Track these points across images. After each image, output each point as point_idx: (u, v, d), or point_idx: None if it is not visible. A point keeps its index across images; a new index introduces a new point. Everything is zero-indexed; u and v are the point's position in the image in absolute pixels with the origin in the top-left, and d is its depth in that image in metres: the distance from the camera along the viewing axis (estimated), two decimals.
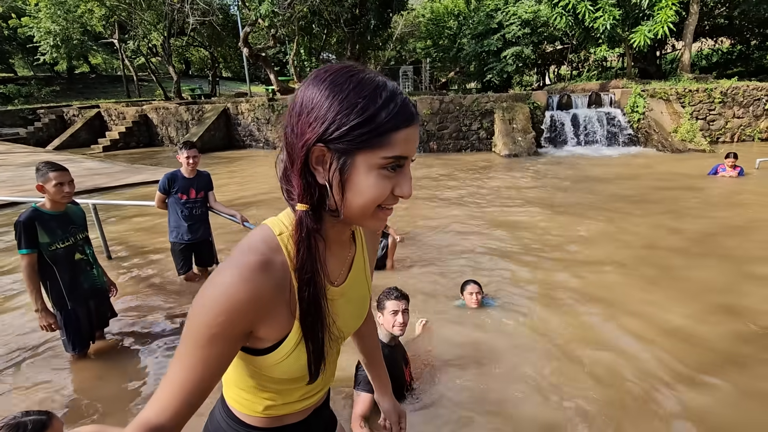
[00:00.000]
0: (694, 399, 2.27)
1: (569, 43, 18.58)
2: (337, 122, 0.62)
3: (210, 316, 0.63)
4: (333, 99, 0.63)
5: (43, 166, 2.44)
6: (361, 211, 0.67)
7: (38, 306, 2.47)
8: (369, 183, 0.65)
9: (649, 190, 6.82)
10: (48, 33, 18.25)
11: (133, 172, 9.84)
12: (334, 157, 0.64)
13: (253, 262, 0.66)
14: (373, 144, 0.63)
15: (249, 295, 0.64)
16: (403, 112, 0.64)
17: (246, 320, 0.66)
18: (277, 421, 0.87)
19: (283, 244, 0.71)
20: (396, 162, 0.65)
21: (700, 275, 3.74)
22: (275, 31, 16.79)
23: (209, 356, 0.65)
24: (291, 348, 0.73)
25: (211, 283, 0.66)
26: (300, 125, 0.65)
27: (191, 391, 0.65)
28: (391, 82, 0.66)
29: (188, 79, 29.87)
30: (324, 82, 0.64)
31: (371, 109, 0.62)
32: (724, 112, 11.30)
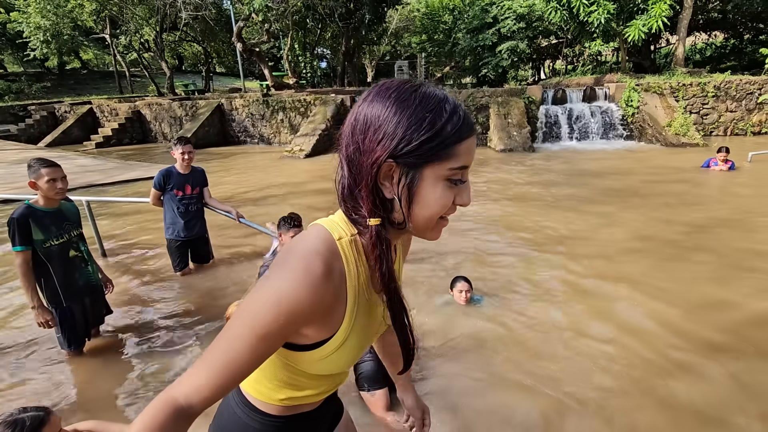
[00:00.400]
0: (687, 389, 2.31)
1: (564, 37, 18.59)
2: (408, 137, 0.63)
3: (270, 316, 0.64)
4: (401, 115, 0.64)
5: (35, 163, 2.42)
6: (426, 223, 0.70)
7: (34, 303, 2.46)
8: (436, 195, 0.67)
9: (643, 184, 6.87)
10: (38, 28, 17.98)
11: (126, 168, 9.76)
12: (403, 172, 0.66)
13: (319, 269, 0.66)
14: (440, 156, 0.65)
15: (312, 302, 0.66)
16: (466, 123, 0.67)
17: (300, 323, 0.68)
18: (291, 410, 0.90)
19: (342, 249, 0.72)
20: (460, 173, 0.68)
21: (692, 267, 3.78)
22: (269, 25, 16.66)
23: (257, 350, 0.66)
24: (336, 347, 0.75)
25: (275, 282, 0.66)
26: (367, 143, 0.66)
27: (229, 378, 0.66)
28: (452, 96, 0.68)
29: (181, 74, 29.59)
30: (389, 99, 0.65)
31: (439, 123, 0.64)
32: (718, 106, 11.38)
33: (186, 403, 0.65)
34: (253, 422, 0.89)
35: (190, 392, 0.66)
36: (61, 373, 2.64)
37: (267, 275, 0.68)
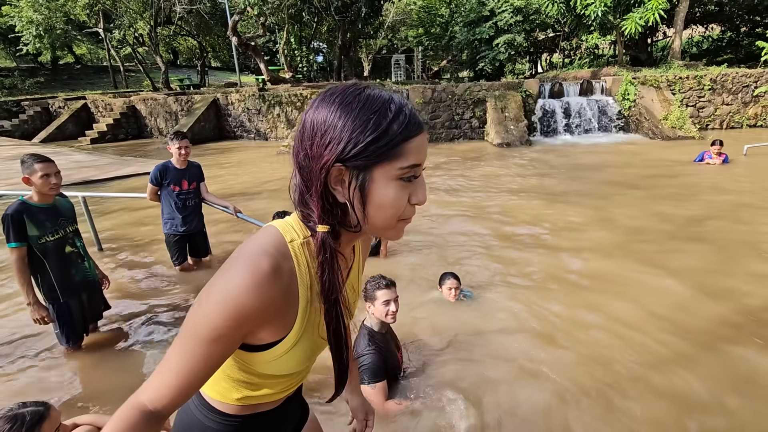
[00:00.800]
0: (686, 378, 2.33)
1: (561, 30, 18.54)
2: (354, 140, 0.63)
3: (219, 318, 0.64)
4: (346, 118, 0.64)
5: (28, 158, 2.40)
6: (383, 224, 0.70)
7: (30, 299, 2.46)
8: (389, 195, 0.67)
9: (639, 177, 6.90)
10: (30, 22, 17.77)
11: (122, 164, 9.71)
12: (353, 175, 0.66)
13: (266, 269, 0.66)
14: (389, 156, 0.65)
15: (260, 302, 0.65)
16: (412, 122, 0.67)
17: (252, 324, 0.68)
18: (251, 409, 0.89)
19: (293, 251, 0.72)
20: (411, 171, 0.67)
21: (688, 258, 3.81)
22: (264, 19, 16.52)
23: (211, 353, 0.66)
24: (287, 348, 0.75)
25: (222, 283, 0.66)
26: (315, 148, 0.66)
27: (188, 383, 0.67)
28: (397, 95, 0.68)
29: (176, 69, 29.36)
30: (333, 104, 0.66)
31: (384, 123, 0.64)
32: (714, 99, 11.40)
33: (152, 407, 0.67)
34: (210, 422, 0.88)
35: (155, 397, 0.67)
36: (59, 369, 2.64)
37: (215, 276, 0.68)
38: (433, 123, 12.24)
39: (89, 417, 1.93)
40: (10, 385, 2.50)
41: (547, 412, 2.15)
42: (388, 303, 2.20)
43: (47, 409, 1.51)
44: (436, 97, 12.08)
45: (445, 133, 12.28)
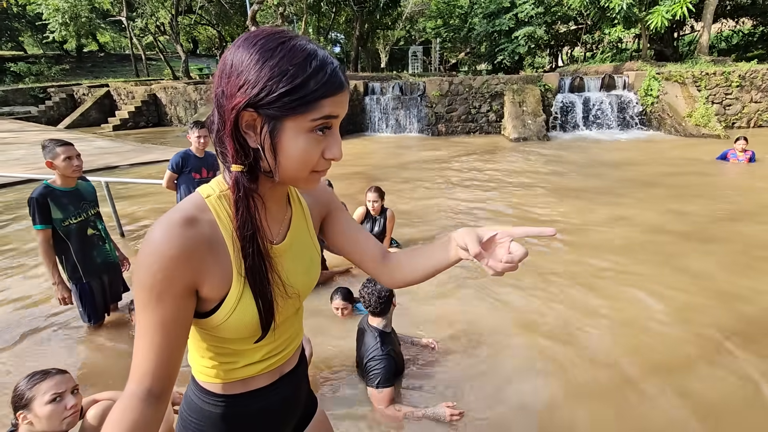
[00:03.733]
0: (700, 381, 2.31)
1: (583, 23, 18.08)
2: (267, 88, 0.62)
3: (149, 275, 0.66)
4: (264, 64, 0.63)
5: (48, 143, 2.48)
6: (295, 174, 0.70)
7: (55, 279, 2.57)
8: (299, 146, 0.66)
9: (660, 176, 6.74)
10: (56, 10, 18.19)
11: (143, 151, 9.93)
12: (264, 121, 0.65)
13: (177, 218, 0.68)
14: (301, 110, 0.64)
15: (178, 249, 0.66)
16: (332, 81, 0.65)
17: (183, 274, 0.68)
18: (243, 386, 0.87)
19: (210, 204, 0.73)
20: (324, 122, 0.66)
21: (708, 259, 3.73)
22: (283, 9, 16.55)
23: (164, 317, 0.67)
24: (233, 305, 0.74)
25: (143, 246, 0.68)
26: (230, 87, 0.65)
27: (159, 356, 0.68)
28: (323, 51, 0.66)
29: (196, 58, 29.69)
30: (255, 46, 0.64)
31: (300, 78, 0.63)
32: (742, 97, 11.02)
33: (140, 388, 0.68)
34: (206, 406, 0.87)
35: (140, 378, 0.68)
36: (81, 345, 2.76)
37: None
38: (450, 116, 12.15)
39: (109, 393, 2.02)
40: (36, 359, 2.62)
41: (548, 414, 2.16)
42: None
43: (58, 371, 1.62)
44: (453, 89, 11.97)
45: (461, 127, 12.18)
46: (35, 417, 1.52)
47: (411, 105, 12.38)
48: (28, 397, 1.52)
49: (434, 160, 8.57)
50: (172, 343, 0.69)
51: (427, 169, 7.73)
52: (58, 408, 1.55)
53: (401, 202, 5.68)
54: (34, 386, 1.54)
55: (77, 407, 1.62)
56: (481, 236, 0.74)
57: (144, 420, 0.67)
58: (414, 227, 4.71)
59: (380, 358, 2.14)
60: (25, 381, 1.56)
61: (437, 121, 12.18)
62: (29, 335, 2.88)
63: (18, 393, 1.54)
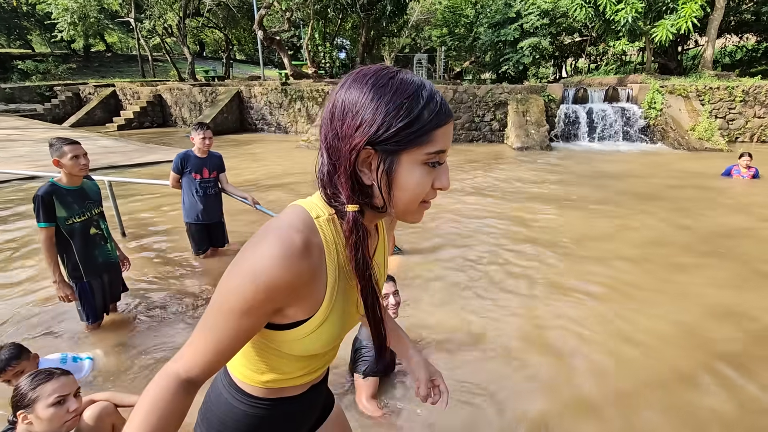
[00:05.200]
0: (694, 397, 2.29)
1: (588, 35, 18.18)
2: (386, 124, 0.63)
3: (251, 290, 0.65)
4: (379, 101, 0.64)
5: (56, 142, 2.49)
6: (406, 207, 0.70)
7: (56, 278, 2.56)
8: (414, 179, 0.68)
9: (662, 189, 6.74)
10: (65, 10, 18.34)
11: (147, 151, 9.97)
12: (381, 158, 0.66)
13: (298, 242, 0.66)
14: (418, 142, 0.65)
15: (291, 275, 0.66)
16: (443, 110, 0.67)
17: (283, 298, 0.68)
18: (276, 393, 0.89)
19: (320, 227, 0.72)
20: (437, 157, 0.68)
21: (708, 275, 3.72)
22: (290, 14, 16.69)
23: (241, 326, 0.67)
24: (315, 327, 0.75)
25: (252, 256, 0.66)
26: (345, 128, 0.65)
27: (219, 353, 0.69)
28: (429, 82, 0.68)
29: (202, 60, 29.88)
30: (366, 85, 0.65)
31: (416, 110, 0.64)
32: (745, 112, 11.04)
33: (186, 375, 0.70)
34: (238, 403, 0.89)
35: (187, 366, 0.70)
36: (80, 345, 2.75)
37: (243, 250, 0.68)
38: (453, 124, 12.17)
39: (106, 393, 2.01)
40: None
41: (540, 423, 2.14)
42: (387, 296, 2.23)
43: (63, 373, 1.61)
44: (457, 98, 12.02)
45: (465, 135, 12.21)
46: (36, 418, 1.51)
47: None
48: (31, 398, 1.50)
49: None
50: (236, 347, 0.70)
51: None
52: (61, 411, 1.53)
53: None
54: (37, 387, 1.52)
55: (78, 411, 1.60)
56: (430, 378, 1.07)
57: (181, 406, 0.69)
58: (416, 235, 4.70)
59: (371, 347, 2.14)
60: (29, 380, 1.54)
61: None
62: (27, 333, 2.87)
63: (21, 392, 1.52)
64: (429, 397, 1.05)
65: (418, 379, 1.06)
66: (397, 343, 1.13)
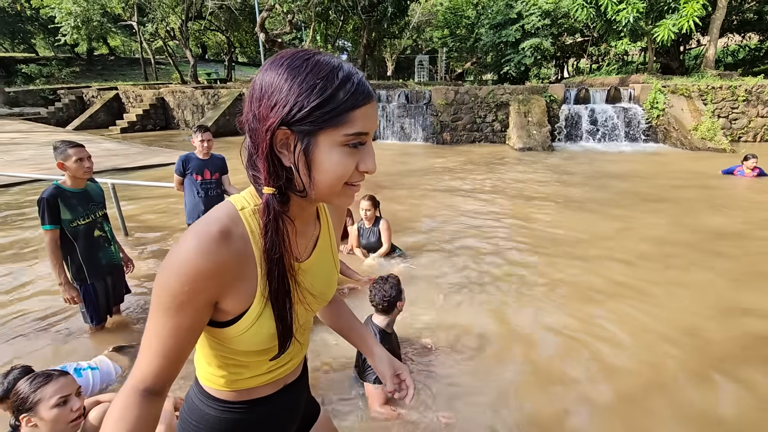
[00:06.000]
0: (699, 397, 2.29)
1: (590, 35, 18.17)
2: (299, 104, 0.64)
3: (176, 284, 0.66)
4: (292, 82, 0.64)
5: (60, 144, 2.51)
6: (329, 190, 0.70)
7: (61, 280, 2.58)
8: (333, 161, 0.67)
9: (665, 189, 6.72)
10: (69, 14, 18.45)
11: (149, 154, 10.01)
12: (298, 138, 0.66)
13: (214, 232, 0.68)
14: (334, 123, 0.65)
15: (211, 263, 0.66)
16: (360, 90, 0.66)
17: (210, 289, 0.68)
18: (245, 395, 0.88)
19: (244, 218, 0.73)
20: (357, 139, 0.67)
21: (713, 274, 3.71)
22: (292, 16, 16.75)
23: (179, 325, 0.68)
24: (253, 319, 0.75)
25: (175, 252, 0.67)
26: (262, 110, 0.66)
27: (166, 357, 0.69)
28: (347, 63, 0.68)
29: (204, 63, 30.00)
30: (281, 66, 0.66)
31: (330, 90, 0.64)
32: (748, 111, 11.01)
33: (143, 386, 0.70)
34: (209, 410, 0.88)
35: (142, 376, 0.70)
36: (84, 347, 2.76)
37: (170, 250, 0.69)
38: (455, 125, 12.19)
39: (111, 395, 2.03)
40: (38, 359, 2.63)
41: (543, 423, 2.15)
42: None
43: (61, 374, 1.62)
44: (458, 99, 12.02)
45: (466, 136, 12.22)
46: (41, 420, 1.52)
47: (416, 113, 12.44)
48: (33, 401, 1.51)
49: (439, 169, 8.59)
50: (183, 348, 0.70)
51: (431, 178, 7.75)
52: (65, 411, 1.54)
53: (405, 209, 5.69)
54: (38, 389, 1.53)
55: (81, 410, 1.62)
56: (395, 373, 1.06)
57: (146, 415, 0.70)
58: (417, 235, 4.71)
59: None
60: (27, 383, 1.55)
61: (442, 130, 12.22)
62: (31, 336, 2.89)
63: (21, 396, 1.53)
64: (396, 392, 1.05)
65: (383, 375, 1.06)
66: (359, 341, 1.12)
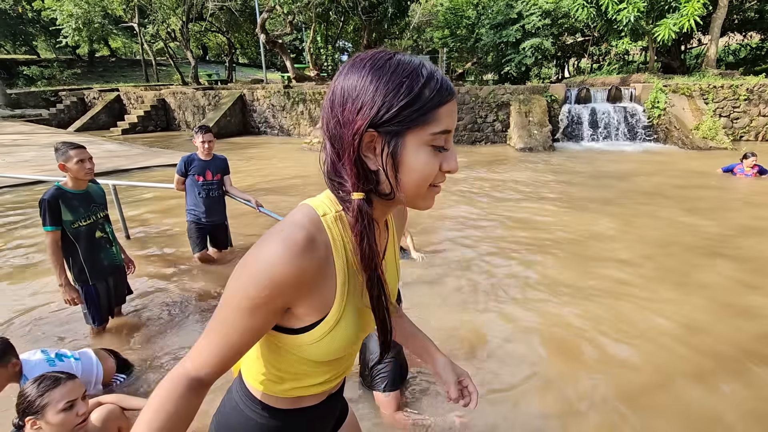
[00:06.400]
0: (699, 397, 2.28)
1: (590, 35, 18.14)
2: (387, 104, 0.63)
3: (255, 288, 0.65)
4: (378, 82, 0.63)
5: (61, 146, 2.51)
6: (416, 191, 0.69)
7: (62, 281, 2.58)
8: (420, 160, 0.66)
9: (667, 188, 6.71)
10: (70, 16, 18.49)
11: (151, 155, 10.02)
12: (385, 140, 0.65)
13: (300, 239, 0.66)
14: (421, 121, 0.64)
15: (295, 271, 0.65)
16: (444, 87, 0.66)
17: (289, 295, 0.68)
18: (294, 403, 0.87)
19: (326, 225, 0.71)
20: (443, 137, 0.67)
21: (715, 274, 3.70)
22: (292, 17, 16.76)
23: (248, 326, 0.67)
24: (329, 328, 0.73)
25: (257, 255, 0.66)
26: (346, 114, 0.65)
27: (228, 353, 0.69)
28: (428, 62, 0.68)
29: (205, 64, 30.03)
30: (364, 68, 0.65)
31: (416, 88, 0.63)
32: (750, 110, 10.98)
33: (195, 374, 0.70)
34: (255, 415, 0.86)
35: (197, 365, 0.70)
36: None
37: (250, 251, 0.68)
38: (456, 125, 12.16)
39: (113, 396, 2.02)
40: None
41: (550, 424, 2.14)
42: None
43: (69, 377, 1.62)
44: (459, 99, 12.01)
45: (467, 136, 12.21)
46: (46, 424, 1.51)
47: None
48: (40, 405, 1.50)
49: None
50: (245, 347, 0.70)
51: None
52: (71, 416, 1.54)
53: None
54: (45, 393, 1.52)
55: (87, 414, 1.62)
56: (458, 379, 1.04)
57: (188, 405, 0.69)
58: (419, 237, 4.71)
59: (386, 362, 2.14)
60: (35, 386, 1.54)
61: None
62: (32, 336, 2.89)
63: (28, 399, 1.52)
64: (460, 399, 1.03)
65: (447, 382, 1.03)
66: (420, 348, 1.09)
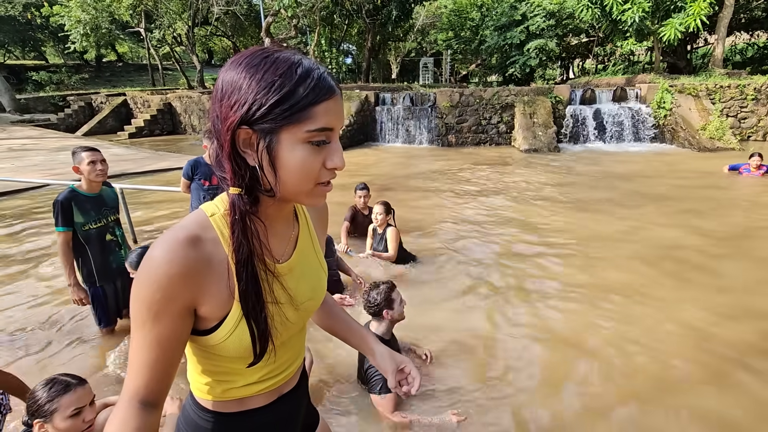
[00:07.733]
0: (705, 399, 2.27)
1: (595, 35, 18.09)
2: (258, 102, 0.63)
3: (149, 294, 0.66)
4: (251, 80, 0.64)
5: (77, 149, 2.61)
6: (297, 188, 0.69)
7: (71, 281, 2.63)
8: (296, 157, 0.66)
9: (673, 189, 6.67)
10: (78, 22, 18.72)
11: (157, 158, 10.12)
12: (260, 137, 0.65)
13: (180, 237, 0.68)
14: (295, 119, 0.64)
15: (178, 268, 0.66)
16: (321, 85, 0.66)
17: (183, 294, 0.68)
18: (239, 405, 0.86)
19: (215, 224, 0.72)
20: (321, 134, 0.67)
21: (720, 275, 3.67)
22: (297, 21, 16.87)
23: (161, 335, 0.68)
24: (232, 326, 0.73)
25: (143, 264, 0.67)
26: (224, 109, 0.66)
27: (158, 369, 0.69)
28: (308, 59, 0.68)
29: (211, 68, 30.26)
30: (240, 65, 0.65)
31: (288, 86, 0.64)
32: (757, 110, 10.89)
33: (138, 398, 0.70)
34: (202, 422, 0.86)
35: (134, 389, 0.70)
36: (93, 349, 2.80)
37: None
38: (460, 127, 12.18)
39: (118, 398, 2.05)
40: (49, 361, 2.67)
41: (549, 424, 2.14)
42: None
43: (79, 383, 1.62)
44: (463, 101, 12.02)
45: (472, 138, 12.20)
46: (53, 429, 1.53)
47: (421, 116, 12.45)
48: (49, 410, 1.52)
49: (444, 171, 8.59)
50: (168, 359, 0.70)
51: (436, 180, 7.75)
52: (78, 422, 1.56)
53: (410, 212, 5.69)
54: (55, 399, 1.53)
55: (93, 419, 1.64)
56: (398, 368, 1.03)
57: (143, 427, 0.69)
58: (424, 237, 4.71)
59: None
60: (45, 390, 1.54)
61: (447, 132, 12.22)
62: (40, 337, 2.93)
63: (38, 402, 1.53)
64: (401, 387, 1.03)
65: (386, 371, 1.02)
66: (358, 341, 1.09)
